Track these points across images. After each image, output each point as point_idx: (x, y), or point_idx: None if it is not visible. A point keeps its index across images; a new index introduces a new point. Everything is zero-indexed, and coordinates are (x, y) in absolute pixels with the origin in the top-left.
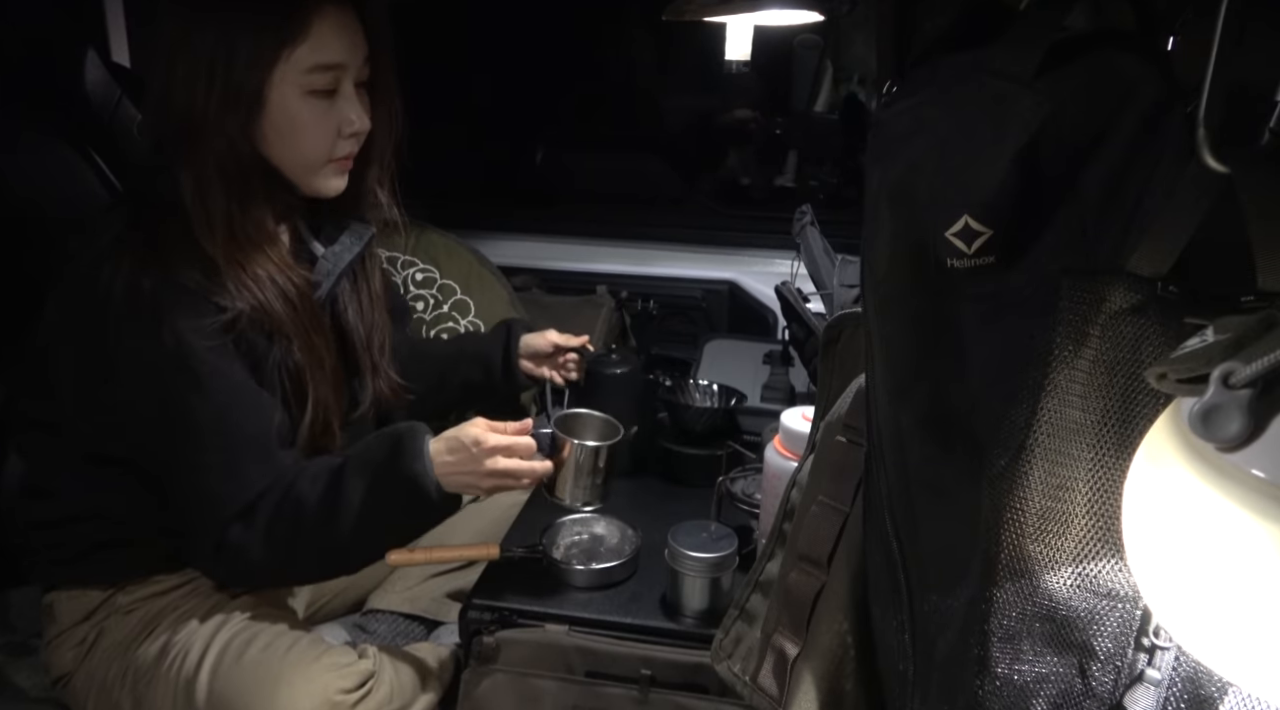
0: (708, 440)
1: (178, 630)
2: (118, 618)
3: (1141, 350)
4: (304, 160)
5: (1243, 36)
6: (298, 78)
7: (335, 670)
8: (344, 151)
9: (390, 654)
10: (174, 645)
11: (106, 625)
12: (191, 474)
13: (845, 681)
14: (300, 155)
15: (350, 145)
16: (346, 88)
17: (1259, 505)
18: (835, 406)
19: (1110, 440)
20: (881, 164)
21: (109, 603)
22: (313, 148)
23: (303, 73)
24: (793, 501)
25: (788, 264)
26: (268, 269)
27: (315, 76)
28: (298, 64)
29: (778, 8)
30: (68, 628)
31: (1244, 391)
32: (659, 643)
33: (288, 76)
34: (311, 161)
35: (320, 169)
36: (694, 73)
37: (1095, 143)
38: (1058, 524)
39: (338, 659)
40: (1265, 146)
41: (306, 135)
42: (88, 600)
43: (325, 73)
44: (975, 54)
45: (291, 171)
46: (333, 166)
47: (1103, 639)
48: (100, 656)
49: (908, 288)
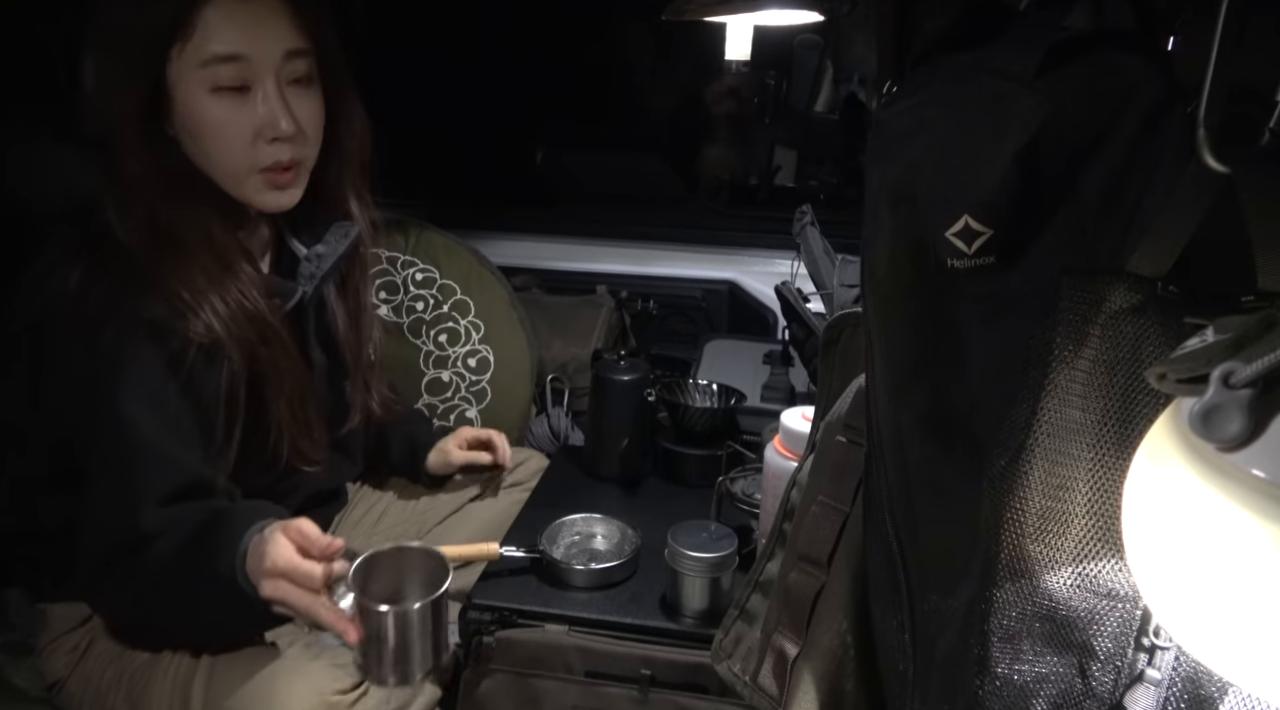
0: (708, 440)
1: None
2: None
3: (1142, 350)
4: (223, 168)
5: (1243, 36)
6: (197, 72)
7: (331, 670)
8: (269, 159)
9: None
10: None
11: (99, 632)
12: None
13: (845, 681)
14: (217, 162)
15: (280, 152)
16: (264, 84)
17: (1259, 505)
18: (835, 406)
19: (1110, 440)
20: (881, 164)
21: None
22: (228, 153)
23: (199, 66)
24: (793, 501)
25: (788, 264)
26: (211, 282)
27: (216, 70)
28: (193, 55)
29: (778, 8)
30: (60, 634)
31: (1244, 391)
32: (659, 643)
33: (188, 73)
34: (232, 170)
35: (245, 179)
36: (694, 73)
37: (1095, 142)
38: (1058, 524)
39: (334, 659)
40: (1265, 146)
41: (218, 138)
42: (79, 608)
43: (227, 65)
44: (975, 54)
45: (219, 180)
46: (262, 178)
47: (1103, 639)
48: (94, 661)
49: (908, 288)
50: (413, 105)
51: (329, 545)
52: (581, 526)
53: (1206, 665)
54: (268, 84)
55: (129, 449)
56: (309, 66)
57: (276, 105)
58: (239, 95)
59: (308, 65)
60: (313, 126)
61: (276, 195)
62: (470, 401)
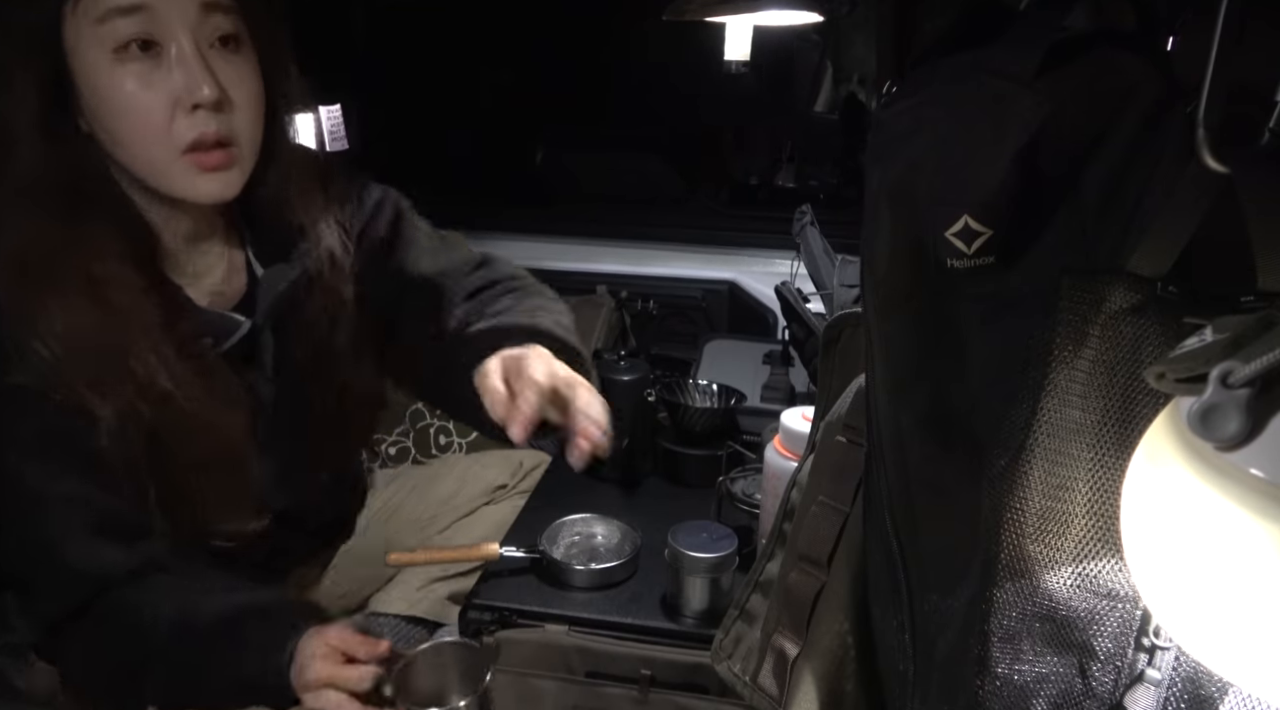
0: (708, 440)
1: None
2: None
3: (1141, 350)
4: (142, 154)
5: (1243, 36)
6: (93, 31)
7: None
8: (192, 134)
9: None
10: None
11: None
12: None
13: (845, 681)
14: (134, 147)
15: (202, 122)
16: (178, 42)
17: (1258, 505)
18: (835, 406)
19: (1110, 440)
20: (881, 164)
21: None
22: (142, 131)
23: (96, 23)
24: (793, 501)
25: (788, 264)
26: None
27: (115, 24)
28: (88, 11)
29: (778, 8)
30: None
31: (1243, 391)
32: (659, 643)
33: (82, 34)
34: (151, 154)
35: (171, 165)
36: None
37: (1096, 142)
38: (1057, 524)
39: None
40: (1265, 146)
41: (130, 114)
42: None
43: (127, 17)
44: (975, 54)
45: (142, 173)
46: (188, 161)
47: (1103, 639)
48: None
49: (907, 288)
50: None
51: (374, 647)
52: (581, 526)
53: (1206, 665)
54: (181, 40)
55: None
56: (234, 24)
57: (194, 65)
58: (149, 59)
59: (233, 23)
60: (243, 96)
61: (208, 181)
62: None
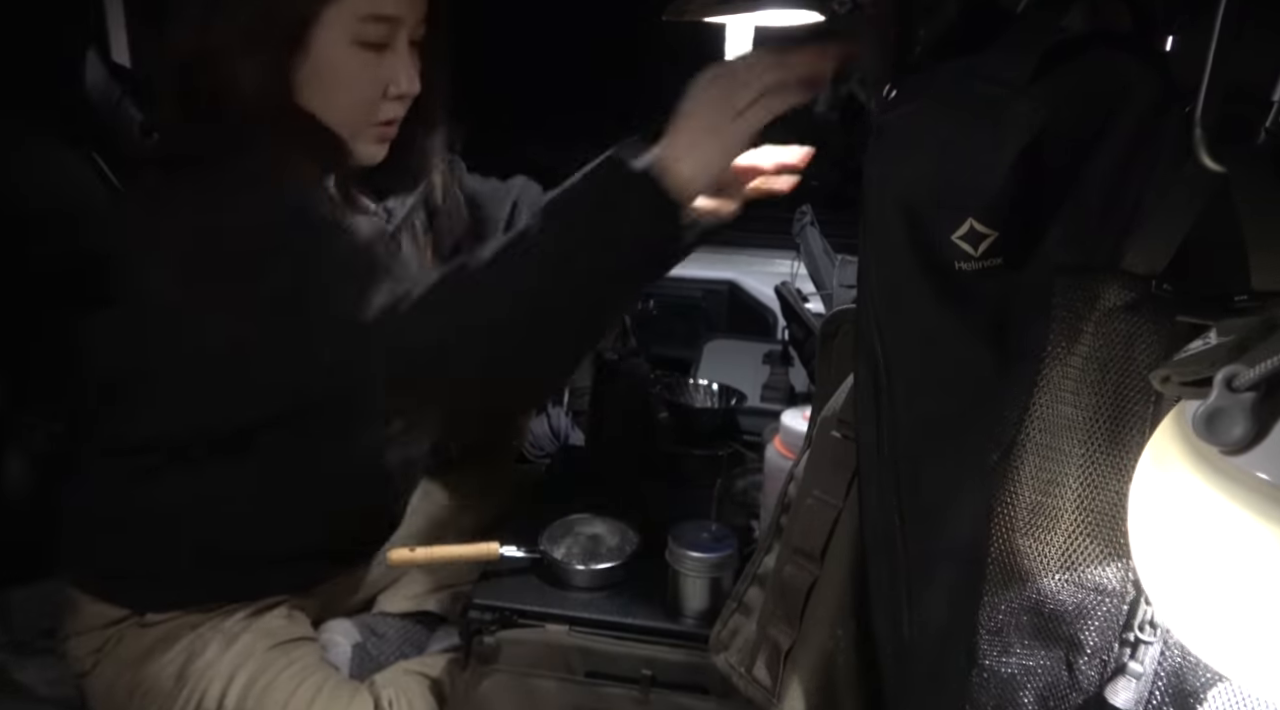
0: (708, 440)
1: (194, 657)
2: (137, 631)
3: (1134, 348)
4: (344, 118)
5: (1240, 37)
6: (349, 25)
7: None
8: (388, 114)
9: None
10: (190, 675)
11: (126, 635)
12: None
13: (837, 673)
14: (340, 112)
15: (396, 108)
16: (400, 44)
17: (1263, 508)
18: (830, 402)
19: (1101, 437)
20: (882, 169)
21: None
22: (354, 105)
23: (357, 20)
24: (789, 495)
25: (788, 264)
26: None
27: (368, 27)
28: (353, 10)
29: (778, 8)
30: (85, 631)
31: (1248, 395)
32: (659, 643)
33: (338, 22)
34: (351, 120)
35: (362, 132)
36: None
37: (1095, 143)
38: (1047, 519)
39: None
40: (1261, 146)
41: (350, 90)
42: (108, 611)
43: (380, 24)
44: (970, 60)
45: (335, 126)
46: (374, 131)
47: (1089, 633)
48: (112, 665)
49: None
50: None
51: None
52: (581, 526)
53: (1212, 665)
54: (402, 43)
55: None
56: (424, 32)
57: (408, 63)
58: (375, 52)
59: (423, 31)
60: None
61: (379, 148)
62: None
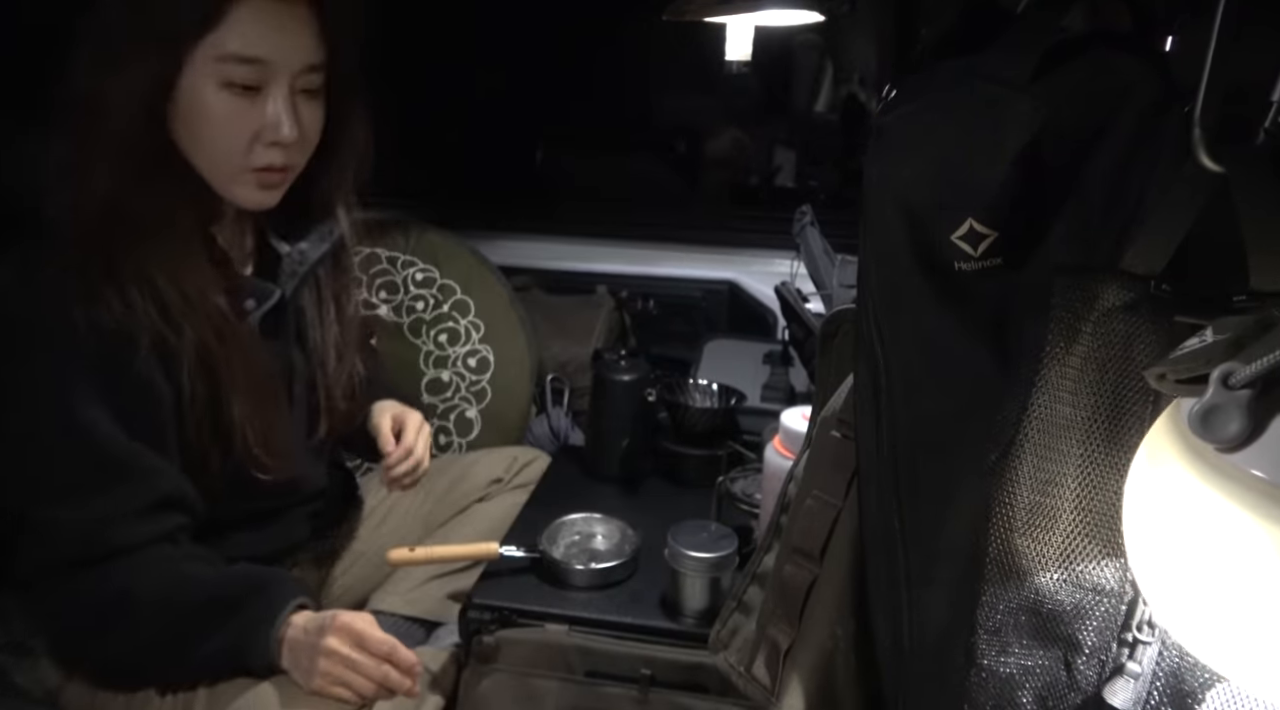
0: (708, 440)
1: None
2: None
3: (1133, 348)
4: (215, 161)
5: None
6: (212, 65)
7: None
8: (264, 161)
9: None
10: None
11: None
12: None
13: (836, 672)
14: (210, 154)
15: (274, 156)
16: (276, 89)
17: (1258, 505)
18: (830, 401)
19: (1099, 436)
20: (882, 169)
21: None
22: (223, 149)
23: (216, 60)
24: (789, 495)
25: (788, 264)
26: (163, 269)
27: (232, 68)
28: (212, 49)
29: (778, 8)
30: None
31: (1243, 392)
32: (659, 642)
33: (200, 61)
34: (223, 165)
35: (237, 177)
36: (694, 73)
37: (1095, 143)
38: (1046, 519)
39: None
40: (1260, 146)
41: (217, 133)
42: None
43: (244, 66)
44: (970, 59)
45: (205, 171)
46: (253, 177)
47: (1088, 633)
48: None
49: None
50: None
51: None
52: (581, 526)
53: (1206, 663)
54: (279, 89)
55: (97, 459)
56: (322, 80)
57: (284, 111)
58: (248, 94)
59: (321, 79)
60: (312, 134)
61: (262, 194)
62: (470, 401)
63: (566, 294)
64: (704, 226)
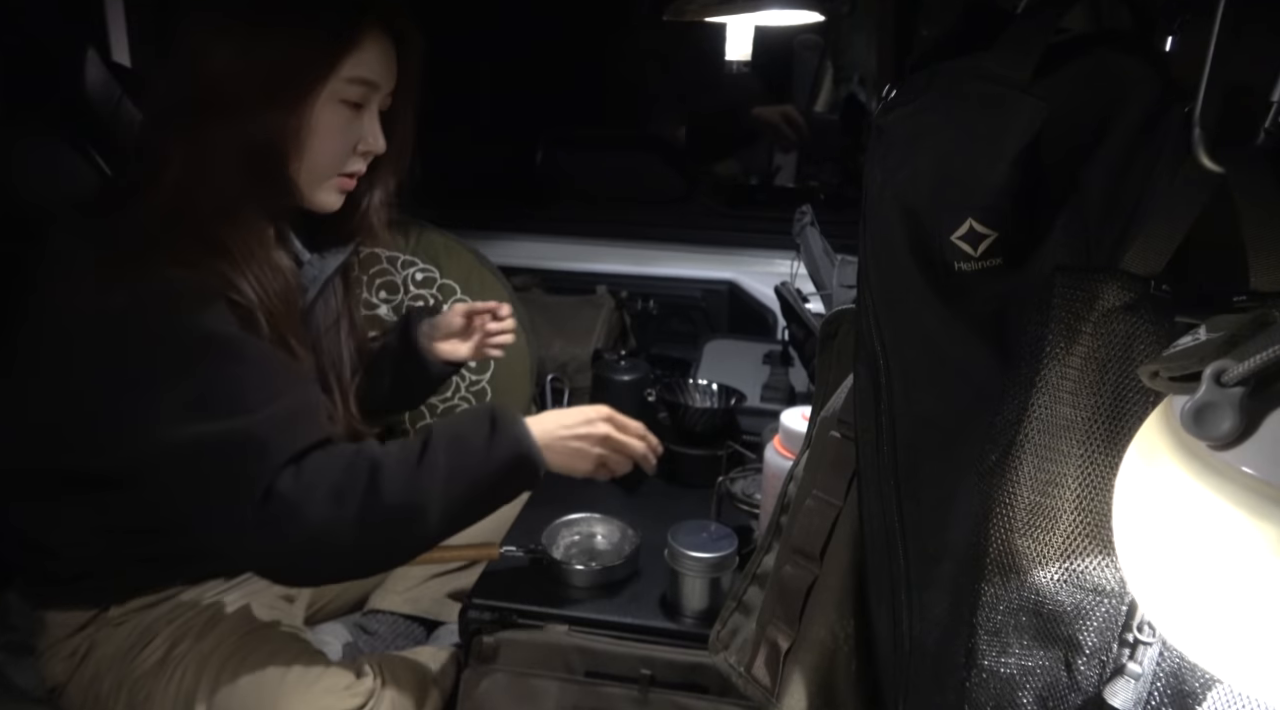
0: (708, 440)
1: (175, 644)
2: (109, 630)
3: (1133, 348)
4: (315, 167)
5: (1240, 37)
6: (336, 85)
7: (334, 694)
8: (353, 168)
9: (390, 665)
10: (171, 660)
11: (98, 637)
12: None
13: (836, 673)
14: (313, 161)
15: (359, 163)
16: (373, 107)
17: (1250, 503)
18: (830, 402)
19: (1100, 437)
20: (882, 169)
21: (99, 618)
22: (328, 156)
23: (343, 81)
24: (789, 495)
25: (788, 264)
26: (263, 263)
27: (351, 88)
28: (341, 71)
29: (778, 8)
30: (58, 640)
31: (1236, 389)
32: (659, 643)
33: (332, 79)
34: (321, 170)
35: (326, 181)
36: (694, 73)
37: (1095, 143)
38: (1046, 519)
39: (336, 681)
40: (1261, 146)
41: (327, 142)
42: (77, 617)
43: (360, 87)
44: (969, 60)
45: (300, 175)
46: (337, 182)
47: (1088, 633)
48: (93, 668)
49: (908, 290)
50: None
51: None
52: (581, 526)
53: (1196, 661)
54: (374, 107)
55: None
56: (392, 102)
57: (377, 127)
58: (354, 110)
59: (392, 100)
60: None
61: (337, 198)
62: (470, 401)
63: (566, 294)
64: (704, 226)
